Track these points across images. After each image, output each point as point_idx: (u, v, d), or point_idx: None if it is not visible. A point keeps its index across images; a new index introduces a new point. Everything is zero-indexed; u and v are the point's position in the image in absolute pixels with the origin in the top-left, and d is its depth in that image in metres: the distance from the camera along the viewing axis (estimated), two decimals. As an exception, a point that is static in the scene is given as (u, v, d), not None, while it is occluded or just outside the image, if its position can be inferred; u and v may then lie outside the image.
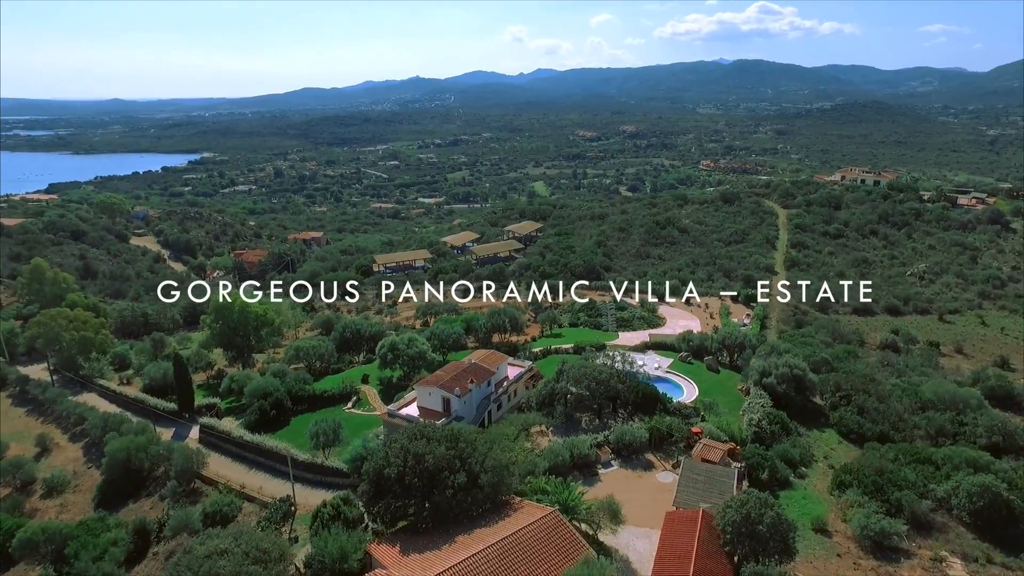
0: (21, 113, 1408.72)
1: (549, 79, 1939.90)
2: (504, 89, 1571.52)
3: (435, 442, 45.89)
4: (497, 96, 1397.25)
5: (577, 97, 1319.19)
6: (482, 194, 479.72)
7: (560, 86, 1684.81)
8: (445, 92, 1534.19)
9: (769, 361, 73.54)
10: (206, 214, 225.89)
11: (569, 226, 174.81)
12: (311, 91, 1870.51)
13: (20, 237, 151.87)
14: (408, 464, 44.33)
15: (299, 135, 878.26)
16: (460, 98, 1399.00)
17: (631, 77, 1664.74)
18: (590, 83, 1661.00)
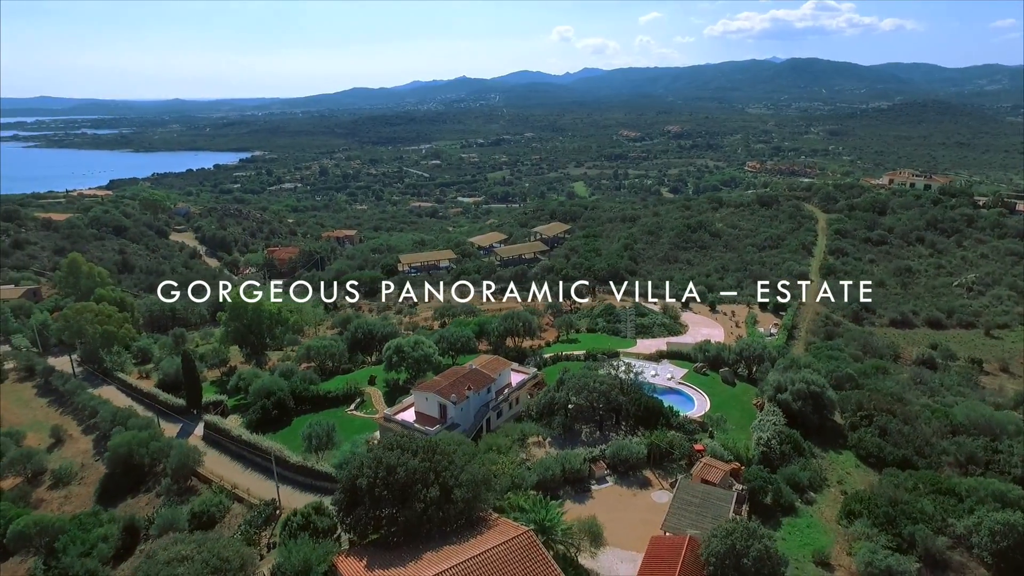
0: (90, 113, 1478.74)
1: (595, 79, 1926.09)
2: (549, 89, 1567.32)
3: (409, 453, 44.46)
4: (542, 96, 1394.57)
5: (623, 97, 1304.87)
6: (521, 194, 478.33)
7: (606, 86, 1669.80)
8: (490, 92, 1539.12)
9: (785, 376, 69.73)
10: (245, 211, 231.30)
11: (598, 228, 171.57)
12: (360, 91, 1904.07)
13: (66, 232, 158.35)
14: (379, 475, 43.00)
15: (346, 134, 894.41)
16: (505, 98, 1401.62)
17: (679, 76, 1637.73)
18: (636, 83, 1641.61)
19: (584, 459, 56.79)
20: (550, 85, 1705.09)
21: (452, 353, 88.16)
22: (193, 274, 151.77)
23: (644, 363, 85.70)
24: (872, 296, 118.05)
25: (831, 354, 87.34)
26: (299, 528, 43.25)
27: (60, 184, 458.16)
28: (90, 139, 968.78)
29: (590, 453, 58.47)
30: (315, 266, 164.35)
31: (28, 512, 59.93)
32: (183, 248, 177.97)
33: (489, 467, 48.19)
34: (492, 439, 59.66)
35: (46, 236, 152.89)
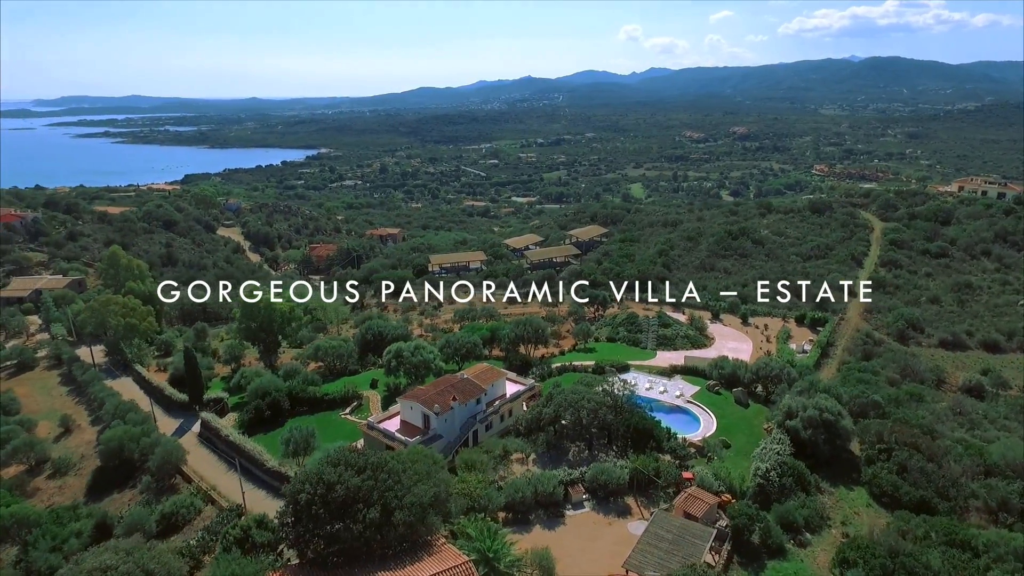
0: (174, 111, 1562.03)
1: (661, 78, 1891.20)
2: (614, 88, 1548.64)
3: (352, 471, 42.54)
4: (606, 96, 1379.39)
5: (689, 97, 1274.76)
6: (575, 195, 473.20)
7: (672, 86, 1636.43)
8: (554, 92, 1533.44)
9: (797, 400, 64.21)
10: (294, 208, 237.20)
11: (637, 233, 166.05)
12: (426, 90, 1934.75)
13: (119, 225, 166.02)
14: (318, 492, 41.33)
15: (410, 133, 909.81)
16: (568, 98, 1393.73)
17: (749, 76, 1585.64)
18: (704, 83, 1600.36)
19: (560, 482, 53.57)
20: (615, 85, 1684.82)
21: (457, 359, 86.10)
22: (233, 269, 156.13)
23: (655, 378, 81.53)
24: (923, 313, 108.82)
25: (861, 376, 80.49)
26: (235, 542, 41.95)
27: (141, 178, 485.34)
28: (172, 136, 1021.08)
29: (568, 475, 55.20)
30: (350, 263, 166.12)
31: (19, 501, 61.69)
32: (227, 243, 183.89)
33: (444, 487, 45.70)
34: (469, 454, 57.26)
35: (100, 229, 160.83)
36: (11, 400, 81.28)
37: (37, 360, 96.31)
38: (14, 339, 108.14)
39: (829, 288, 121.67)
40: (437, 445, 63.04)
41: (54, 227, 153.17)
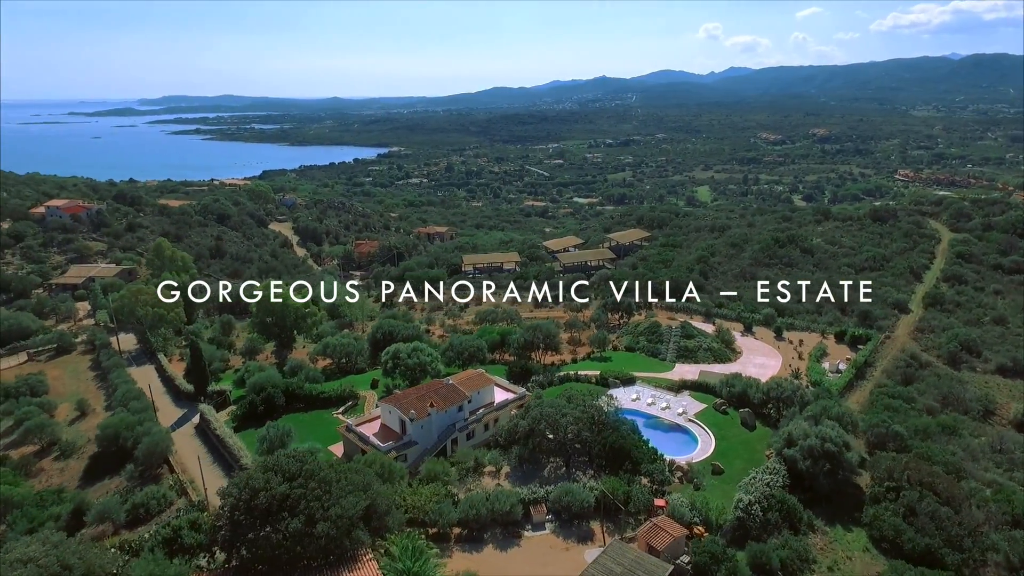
0: (261, 109, 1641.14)
1: (741, 78, 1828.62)
2: (690, 88, 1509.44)
3: (280, 477, 41.57)
4: (681, 96, 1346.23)
5: (769, 97, 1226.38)
6: (638, 196, 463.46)
7: (752, 86, 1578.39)
8: (628, 92, 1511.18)
9: (800, 426, 58.81)
10: (347, 205, 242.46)
11: (681, 238, 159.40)
12: (500, 90, 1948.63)
13: (176, 217, 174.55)
14: (243, 498, 40.59)
15: (479, 132, 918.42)
16: (642, 98, 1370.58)
17: (835, 75, 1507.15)
18: (787, 82, 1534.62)
19: (520, 501, 50.90)
20: (691, 85, 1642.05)
21: (459, 363, 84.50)
22: (277, 263, 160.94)
23: (660, 393, 77.26)
24: (984, 335, 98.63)
25: (890, 403, 73.26)
26: (164, 541, 41.77)
27: (222, 173, 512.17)
28: (256, 133, 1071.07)
29: (532, 494, 52.42)
30: (390, 261, 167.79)
31: (19, 481, 64.66)
32: (276, 237, 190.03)
33: (384, 500, 44.04)
34: (433, 465, 55.41)
35: (158, 221, 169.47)
36: (39, 382, 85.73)
37: (75, 345, 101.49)
38: (64, 323, 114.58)
39: (878, 303, 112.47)
40: (412, 452, 61.77)
41: (116, 218, 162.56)
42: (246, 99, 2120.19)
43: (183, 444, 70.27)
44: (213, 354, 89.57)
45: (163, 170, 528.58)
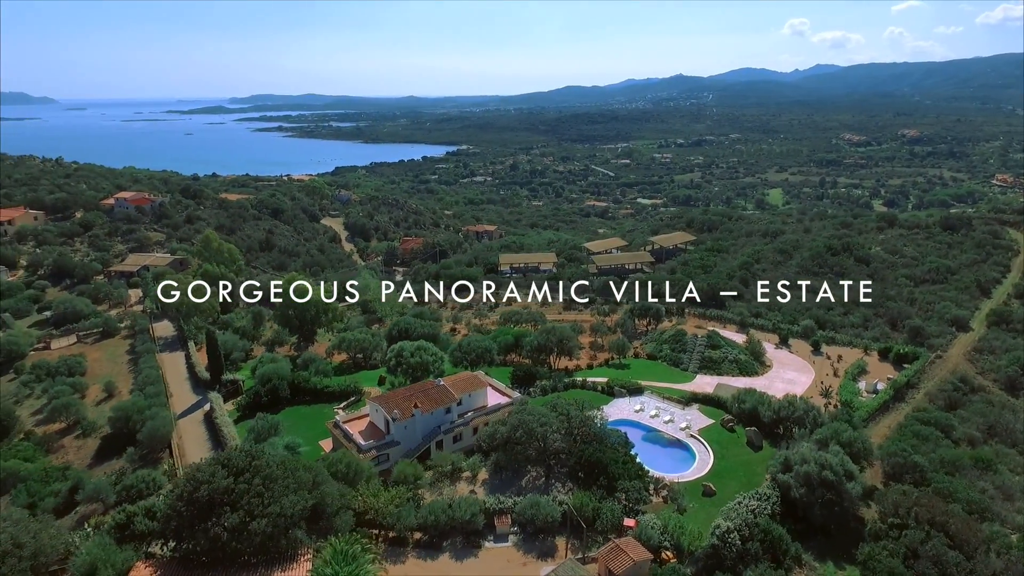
0: (340, 108, 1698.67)
1: (827, 76, 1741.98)
2: (771, 87, 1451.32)
3: (225, 471, 41.78)
4: (760, 95, 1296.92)
5: (856, 96, 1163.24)
6: (704, 198, 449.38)
7: (839, 84, 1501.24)
8: (704, 90, 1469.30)
9: (800, 451, 54.45)
10: (401, 202, 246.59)
11: (729, 242, 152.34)
12: (572, 89, 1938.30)
13: (232, 211, 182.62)
14: (185, 490, 41.07)
15: (548, 131, 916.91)
16: (719, 97, 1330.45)
17: (932, 73, 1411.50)
18: (877, 80, 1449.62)
19: (482, 510, 49.41)
20: (772, 83, 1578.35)
21: (466, 364, 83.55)
22: (322, 257, 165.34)
23: (667, 405, 73.77)
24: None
25: (920, 430, 66.90)
26: (116, 527, 42.83)
27: (297, 169, 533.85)
28: (333, 131, 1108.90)
29: (497, 504, 50.81)
30: (431, 258, 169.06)
31: (39, 456, 68.61)
32: (325, 232, 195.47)
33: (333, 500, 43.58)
34: (405, 467, 54.65)
35: (216, 214, 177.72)
36: (77, 363, 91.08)
37: (119, 329, 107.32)
38: (116, 308, 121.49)
39: (935, 318, 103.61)
40: (394, 451, 61.32)
41: (177, 211, 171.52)
42: (327, 98, 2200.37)
43: (190, 430, 72.76)
44: (235, 344, 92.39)
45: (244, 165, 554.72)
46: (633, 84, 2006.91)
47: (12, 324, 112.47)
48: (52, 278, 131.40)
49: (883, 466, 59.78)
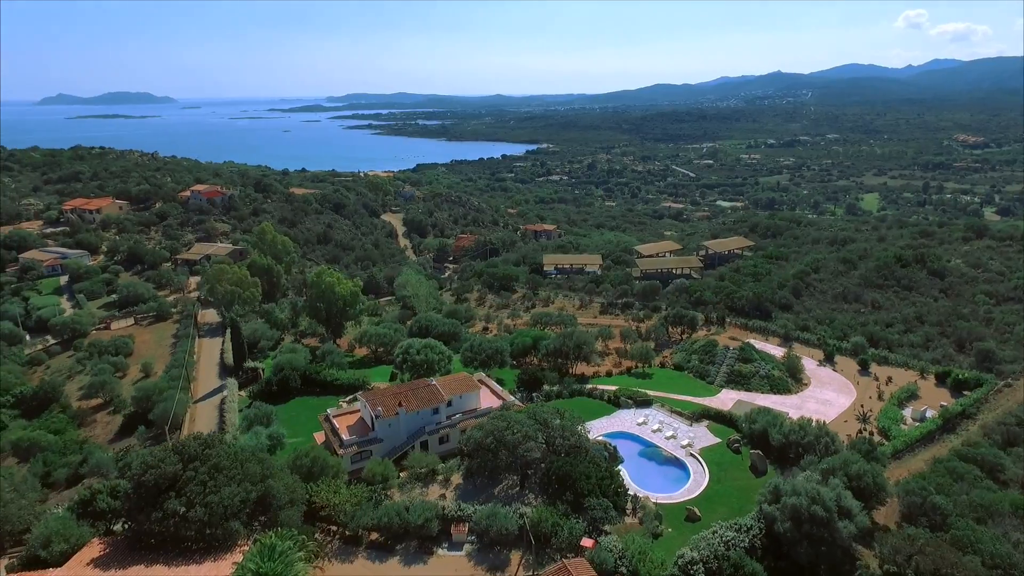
0: (428, 106, 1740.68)
1: (945, 72, 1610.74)
2: (878, 84, 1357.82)
3: (175, 458, 42.79)
4: (865, 92, 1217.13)
5: (980, 93, 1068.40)
6: (790, 201, 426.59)
7: (959, 80, 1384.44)
8: (803, 88, 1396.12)
9: (794, 480, 49.78)
10: (463, 199, 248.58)
11: (791, 250, 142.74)
12: (661, 87, 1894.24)
13: (296, 205, 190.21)
14: (135, 473, 42.38)
15: (631, 130, 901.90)
16: (818, 95, 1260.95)
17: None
18: (1006, 75, 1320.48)
19: (437, 516, 48.22)
20: (880, 80, 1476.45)
21: (476, 364, 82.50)
22: (375, 251, 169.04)
23: (673, 420, 69.85)
24: None
25: (956, 466, 59.63)
26: (80, 503, 44.81)
27: (381, 165, 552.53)
28: (419, 129, 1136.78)
29: (457, 510, 49.42)
30: (481, 255, 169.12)
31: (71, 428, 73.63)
32: (384, 227, 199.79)
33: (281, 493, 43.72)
34: (375, 466, 54.25)
35: (281, 207, 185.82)
36: (125, 344, 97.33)
37: (171, 313, 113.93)
38: (176, 294, 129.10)
39: (1012, 342, 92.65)
40: (377, 449, 61.22)
41: (245, 204, 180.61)
42: (417, 96, 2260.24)
43: (205, 414, 75.90)
44: (264, 333, 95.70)
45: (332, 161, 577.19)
46: (726, 82, 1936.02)
47: (84, 304, 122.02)
48: (126, 263, 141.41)
49: (900, 505, 53.64)
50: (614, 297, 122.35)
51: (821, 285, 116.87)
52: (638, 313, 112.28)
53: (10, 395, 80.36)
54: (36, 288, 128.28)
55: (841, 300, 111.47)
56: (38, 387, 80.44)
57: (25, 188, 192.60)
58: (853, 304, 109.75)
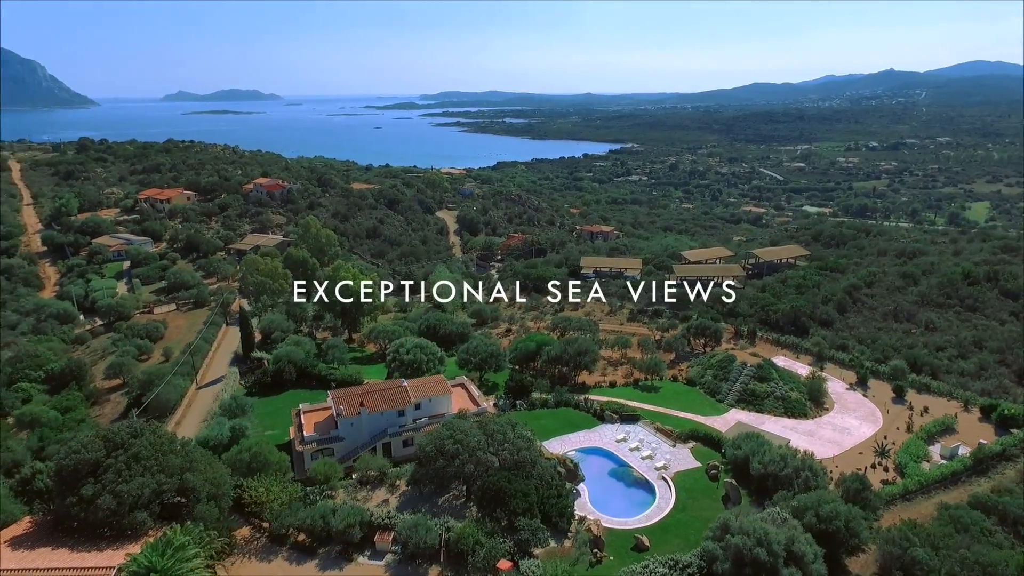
0: (519, 104, 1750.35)
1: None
2: (1006, 83, 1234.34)
3: (99, 444, 43.87)
4: (989, 92, 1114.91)
5: None
6: (885, 209, 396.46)
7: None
8: (916, 87, 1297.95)
9: (744, 519, 45.02)
10: (524, 198, 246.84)
11: (852, 261, 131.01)
12: (759, 86, 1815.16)
13: (352, 199, 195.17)
14: (60, 457, 43.78)
15: (722, 130, 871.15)
16: (934, 94, 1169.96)
17: None
18: None
19: (360, 522, 47.11)
20: (1008, 78, 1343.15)
21: (470, 367, 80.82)
22: (421, 247, 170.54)
23: (655, 439, 65.85)
24: None
25: (964, 516, 52.09)
26: (20, 482, 46.84)
27: (461, 162, 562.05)
28: (506, 127, 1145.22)
29: (385, 518, 48.13)
30: (526, 255, 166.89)
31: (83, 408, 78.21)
32: (436, 224, 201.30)
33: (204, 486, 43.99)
34: (322, 466, 53.83)
35: (336, 201, 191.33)
36: (155, 328, 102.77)
37: (209, 301, 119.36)
38: (222, 282, 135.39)
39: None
40: (338, 447, 61.00)
41: (302, 197, 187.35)
42: (508, 94, 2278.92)
43: (204, 400, 78.59)
44: (279, 324, 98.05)
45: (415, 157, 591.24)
46: (831, 80, 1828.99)
47: (138, 289, 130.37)
48: (183, 251, 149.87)
49: (880, 559, 47.39)
50: (644, 304, 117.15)
51: (871, 301, 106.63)
52: (663, 322, 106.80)
53: (42, 371, 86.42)
54: (100, 272, 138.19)
55: (891, 318, 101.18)
56: (65, 365, 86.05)
57: (113, 178, 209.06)
58: (904, 324, 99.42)
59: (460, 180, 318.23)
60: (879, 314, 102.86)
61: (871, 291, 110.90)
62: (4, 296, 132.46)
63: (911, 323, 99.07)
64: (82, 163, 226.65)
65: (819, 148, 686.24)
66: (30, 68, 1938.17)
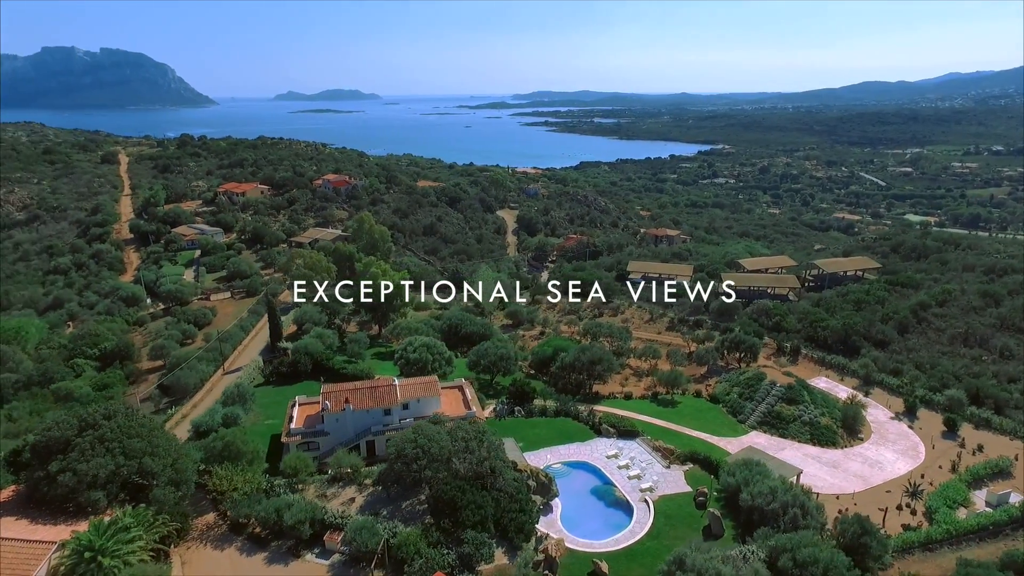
0: (610, 104, 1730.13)
1: None
2: None
3: (72, 423, 46.20)
4: None
5: None
6: (1001, 220, 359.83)
7: None
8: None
9: (697, 554, 41.29)
10: (591, 199, 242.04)
11: (931, 277, 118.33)
12: (870, 85, 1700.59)
13: (414, 197, 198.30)
14: (36, 434, 46.43)
15: (823, 132, 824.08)
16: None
17: None
18: None
19: (311, 519, 47.08)
20: None
21: (479, 370, 79.62)
22: (475, 246, 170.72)
23: (650, 458, 62.28)
24: None
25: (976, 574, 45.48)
26: (11, 453, 50.11)
27: (545, 162, 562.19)
28: (594, 126, 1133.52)
29: (338, 517, 47.89)
30: (580, 257, 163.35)
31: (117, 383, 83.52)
32: (495, 223, 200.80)
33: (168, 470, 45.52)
34: (294, 460, 54.28)
35: (399, 198, 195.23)
36: (204, 315, 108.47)
37: (260, 290, 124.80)
38: (276, 273, 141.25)
39: None
40: (323, 441, 61.57)
41: (366, 193, 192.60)
42: (599, 94, 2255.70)
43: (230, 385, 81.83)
44: (311, 316, 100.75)
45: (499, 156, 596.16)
46: (955, 78, 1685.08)
47: (203, 276, 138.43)
48: (250, 242, 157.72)
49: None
50: (687, 313, 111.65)
51: (940, 322, 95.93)
52: (701, 333, 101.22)
53: (97, 348, 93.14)
54: (174, 259, 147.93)
55: (960, 343, 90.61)
56: (115, 344, 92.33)
57: (202, 171, 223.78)
58: (974, 349, 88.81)
59: (532, 179, 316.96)
60: (946, 336, 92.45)
61: (942, 310, 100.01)
62: (90, 278, 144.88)
63: (983, 349, 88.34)
64: (178, 158, 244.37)
65: (931, 152, 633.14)
66: (161, 71, 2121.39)
